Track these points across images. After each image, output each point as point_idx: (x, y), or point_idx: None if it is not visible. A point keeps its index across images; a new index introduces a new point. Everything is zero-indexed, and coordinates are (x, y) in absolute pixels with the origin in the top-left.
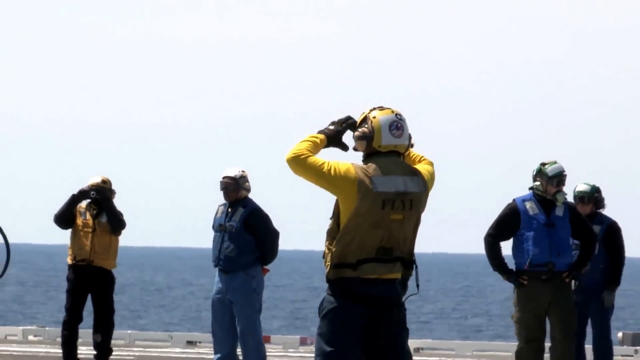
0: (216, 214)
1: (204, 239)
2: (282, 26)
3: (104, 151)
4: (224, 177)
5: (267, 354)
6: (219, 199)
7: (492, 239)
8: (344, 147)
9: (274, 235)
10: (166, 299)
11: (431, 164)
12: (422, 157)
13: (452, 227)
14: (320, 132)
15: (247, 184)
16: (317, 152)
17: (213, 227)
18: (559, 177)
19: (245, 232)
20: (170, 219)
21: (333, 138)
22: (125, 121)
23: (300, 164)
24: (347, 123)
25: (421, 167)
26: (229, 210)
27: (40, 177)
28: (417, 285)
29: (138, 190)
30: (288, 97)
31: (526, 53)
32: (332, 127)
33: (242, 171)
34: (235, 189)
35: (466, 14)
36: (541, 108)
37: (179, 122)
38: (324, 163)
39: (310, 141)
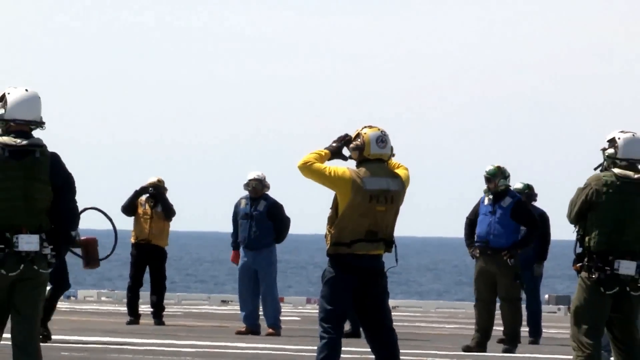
0: (239, 205)
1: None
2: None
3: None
4: (251, 179)
5: (281, 310)
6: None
7: (467, 221)
8: (344, 158)
9: (287, 222)
10: (199, 269)
11: (407, 169)
12: (399, 164)
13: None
14: (326, 148)
15: (268, 183)
16: (322, 163)
17: (238, 215)
18: (485, 178)
19: (268, 219)
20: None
21: (335, 153)
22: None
23: (308, 169)
24: (345, 140)
25: (400, 172)
26: (252, 202)
27: (108, 176)
28: (396, 260)
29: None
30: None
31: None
32: (334, 144)
33: (263, 174)
34: (261, 187)
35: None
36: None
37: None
38: (326, 168)
39: (317, 153)
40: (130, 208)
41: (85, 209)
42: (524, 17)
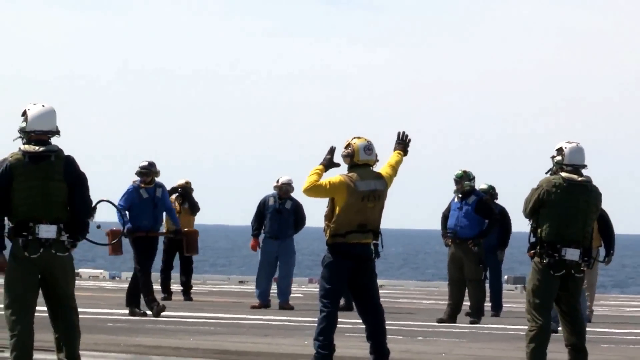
0: (268, 202)
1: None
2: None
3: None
4: (283, 183)
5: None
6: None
7: (442, 216)
8: (337, 165)
9: (305, 219)
10: (218, 254)
11: (395, 171)
12: (393, 165)
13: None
14: (320, 163)
15: (293, 186)
16: (322, 177)
17: (266, 210)
18: (454, 180)
19: (293, 215)
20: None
21: (329, 164)
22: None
23: (313, 191)
24: (332, 151)
25: (384, 172)
26: (279, 201)
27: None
28: (382, 246)
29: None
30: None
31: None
32: (327, 157)
33: (291, 179)
34: (290, 189)
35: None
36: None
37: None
38: (324, 184)
39: (315, 173)
40: None
41: (98, 202)
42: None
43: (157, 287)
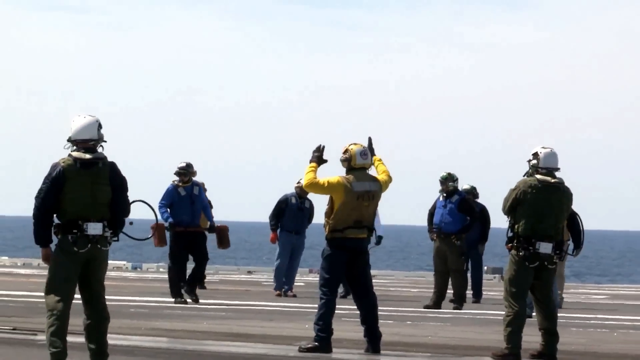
0: (289, 200)
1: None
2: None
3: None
4: (298, 183)
5: None
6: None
7: (429, 214)
8: (325, 161)
9: (314, 216)
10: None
11: (390, 178)
12: (386, 171)
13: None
14: (311, 160)
15: None
16: (316, 175)
17: (287, 207)
18: (440, 181)
19: (308, 211)
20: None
21: (319, 161)
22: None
23: (312, 187)
24: (320, 148)
25: (380, 178)
26: (299, 200)
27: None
28: (372, 240)
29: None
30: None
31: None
32: (316, 155)
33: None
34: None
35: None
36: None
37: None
38: (323, 182)
39: (311, 171)
40: None
41: (133, 201)
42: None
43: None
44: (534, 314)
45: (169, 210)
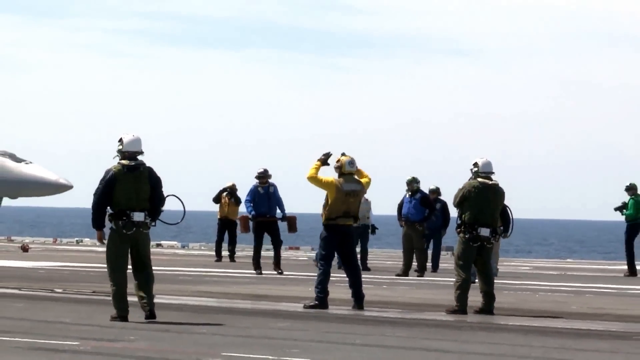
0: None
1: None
2: None
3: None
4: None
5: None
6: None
7: (398, 206)
8: (327, 164)
9: None
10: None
11: (370, 179)
12: (367, 175)
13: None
14: (318, 159)
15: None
16: (319, 170)
17: None
18: (407, 182)
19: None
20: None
21: (323, 162)
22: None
23: (312, 180)
24: (327, 154)
25: (363, 180)
26: None
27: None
28: (356, 226)
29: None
30: None
31: None
32: (323, 157)
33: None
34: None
35: None
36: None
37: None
38: (322, 179)
39: (315, 167)
40: (217, 199)
41: (167, 196)
42: None
43: (211, 252)
44: (476, 280)
45: (252, 204)
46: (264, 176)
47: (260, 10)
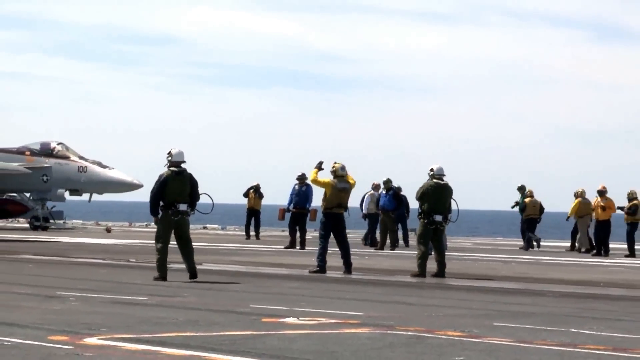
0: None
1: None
2: None
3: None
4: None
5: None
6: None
7: (376, 200)
8: (322, 169)
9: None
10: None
11: (354, 180)
12: (352, 179)
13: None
14: (315, 167)
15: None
16: (318, 174)
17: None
18: (383, 182)
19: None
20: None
21: (319, 169)
22: None
23: (314, 182)
24: (320, 162)
25: (351, 181)
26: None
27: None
28: (349, 214)
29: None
30: None
31: None
32: (317, 165)
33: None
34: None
35: None
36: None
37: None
38: (322, 181)
39: (314, 172)
40: (246, 194)
41: (202, 194)
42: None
43: (242, 232)
44: (432, 252)
45: (292, 198)
46: (302, 178)
47: (276, 60)
